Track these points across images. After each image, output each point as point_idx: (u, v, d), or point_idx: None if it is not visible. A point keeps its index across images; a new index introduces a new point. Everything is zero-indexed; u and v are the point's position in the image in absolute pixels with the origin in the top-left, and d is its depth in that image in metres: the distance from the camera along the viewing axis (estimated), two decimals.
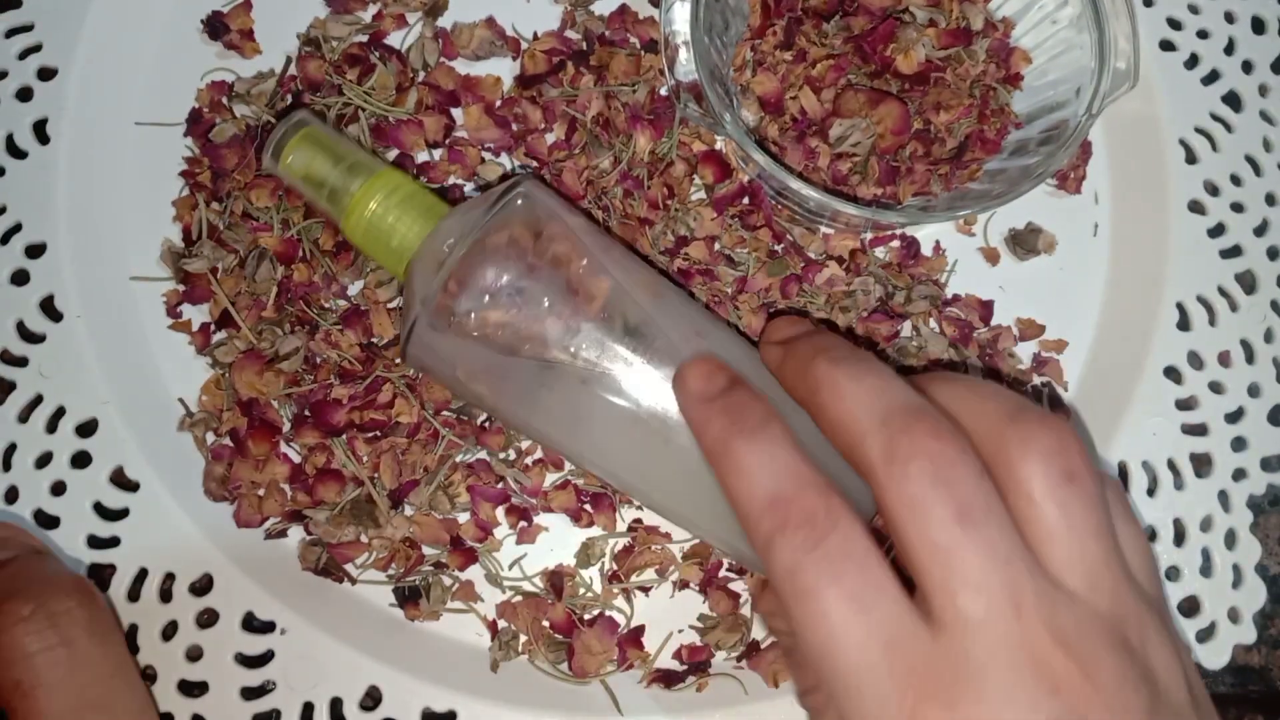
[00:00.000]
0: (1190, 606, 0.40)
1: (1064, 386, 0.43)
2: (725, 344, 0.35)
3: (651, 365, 0.34)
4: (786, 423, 0.29)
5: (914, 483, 0.25)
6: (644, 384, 0.34)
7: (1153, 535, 0.40)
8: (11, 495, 0.38)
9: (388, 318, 0.40)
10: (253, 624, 0.38)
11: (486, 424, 0.40)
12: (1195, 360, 0.42)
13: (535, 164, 0.42)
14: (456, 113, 0.43)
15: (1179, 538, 0.40)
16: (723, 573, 0.40)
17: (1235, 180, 0.43)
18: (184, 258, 0.40)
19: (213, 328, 0.41)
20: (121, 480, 0.39)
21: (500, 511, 0.40)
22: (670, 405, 0.34)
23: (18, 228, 0.40)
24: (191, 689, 0.37)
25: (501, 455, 0.40)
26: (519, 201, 0.35)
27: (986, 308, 0.43)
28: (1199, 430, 0.42)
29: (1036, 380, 0.43)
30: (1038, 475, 0.25)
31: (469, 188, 0.42)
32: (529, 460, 0.40)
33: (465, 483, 0.39)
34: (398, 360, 0.40)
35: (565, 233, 0.35)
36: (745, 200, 0.42)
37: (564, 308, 0.34)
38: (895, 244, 0.43)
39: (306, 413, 0.39)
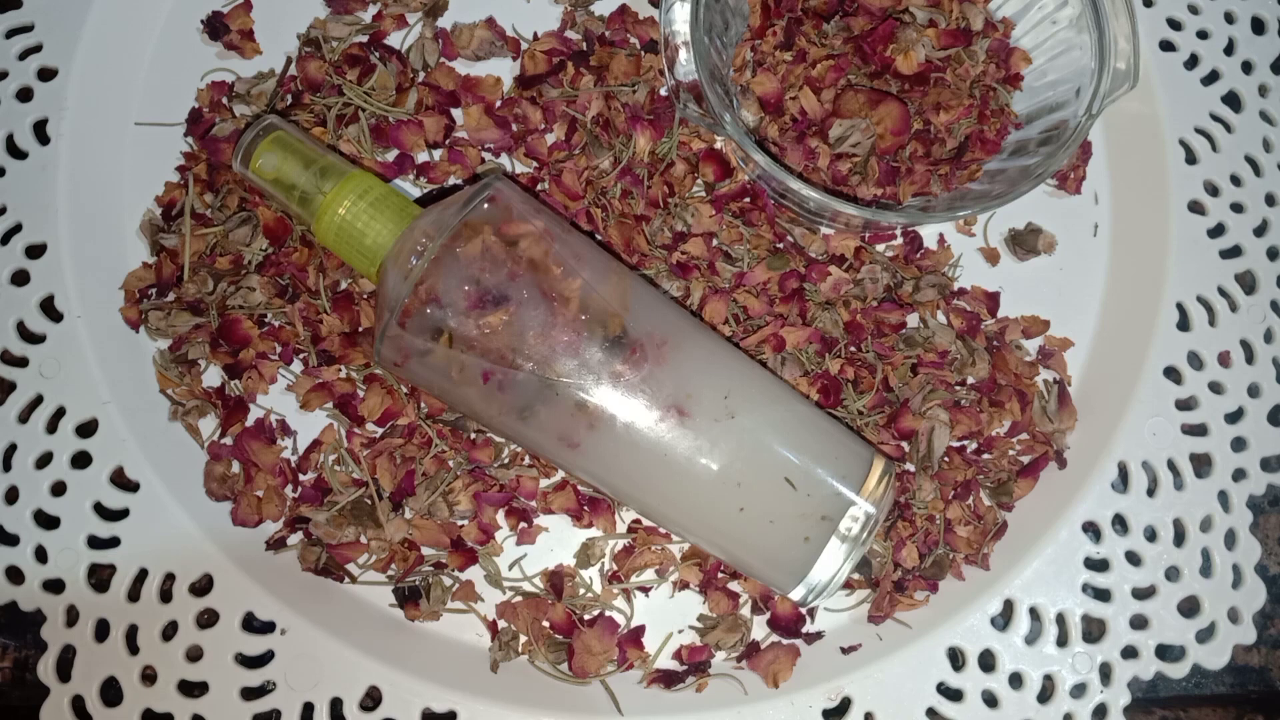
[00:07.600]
0: (1190, 606, 0.40)
1: (1068, 380, 0.43)
2: (691, 343, 0.36)
3: (621, 368, 0.34)
4: None
5: None
6: (614, 387, 0.34)
7: (1153, 535, 0.40)
8: (11, 495, 0.38)
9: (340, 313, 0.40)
10: (253, 624, 0.38)
11: (475, 437, 0.40)
12: (1195, 360, 0.42)
13: (535, 164, 0.42)
14: (456, 113, 0.43)
15: (1179, 538, 0.40)
16: (721, 573, 0.40)
17: (1235, 180, 0.43)
18: (162, 232, 0.40)
19: (154, 294, 0.40)
20: (121, 480, 0.39)
21: (500, 514, 0.40)
22: (648, 412, 0.34)
23: (18, 228, 0.40)
24: (191, 689, 0.37)
25: (496, 463, 0.40)
26: (486, 205, 0.35)
27: (994, 299, 0.43)
28: (1199, 430, 0.42)
29: (1044, 374, 0.43)
30: None
31: None
32: (525, 462, 0.40)
33: (466, 490, 0.39)
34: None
35: (535, 234, 0.35)
36: (746, 200, 0.42)
37: (535, 312, 0.34)
38: (897, 241, 0.43)
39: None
